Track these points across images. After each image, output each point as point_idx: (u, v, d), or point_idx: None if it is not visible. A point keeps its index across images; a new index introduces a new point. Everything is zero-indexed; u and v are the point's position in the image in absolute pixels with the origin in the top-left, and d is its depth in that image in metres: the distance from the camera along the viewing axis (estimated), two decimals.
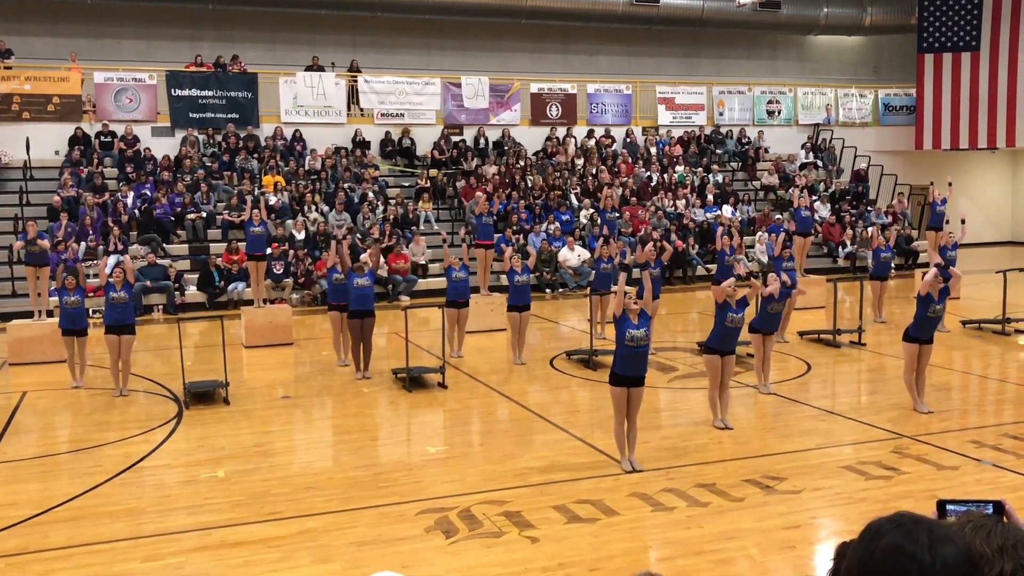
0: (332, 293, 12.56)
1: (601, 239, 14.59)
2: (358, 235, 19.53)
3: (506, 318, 13.05)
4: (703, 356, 9.55)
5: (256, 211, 14.63)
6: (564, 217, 21.46)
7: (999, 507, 1.87)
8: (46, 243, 14.45)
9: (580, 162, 23.69)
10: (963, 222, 16.22)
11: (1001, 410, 10.22)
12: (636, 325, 7.75)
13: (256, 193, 19.38)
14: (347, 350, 12.50)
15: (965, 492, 7.14)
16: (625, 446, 8.04)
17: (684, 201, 22.95)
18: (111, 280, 11.12)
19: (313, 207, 20.30)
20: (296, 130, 22.25)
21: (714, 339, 9.33)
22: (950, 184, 18.27)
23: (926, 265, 19.62)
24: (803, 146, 26.34)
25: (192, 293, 18.01)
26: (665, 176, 23.79)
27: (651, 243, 13.45)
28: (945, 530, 1.62)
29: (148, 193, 19.75)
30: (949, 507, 1.89)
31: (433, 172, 22.35)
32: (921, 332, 9.56)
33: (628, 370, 7.85)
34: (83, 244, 18.24)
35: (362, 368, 11.97)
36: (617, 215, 18.84)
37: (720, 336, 9.27)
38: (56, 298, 16.21)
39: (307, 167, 21.60)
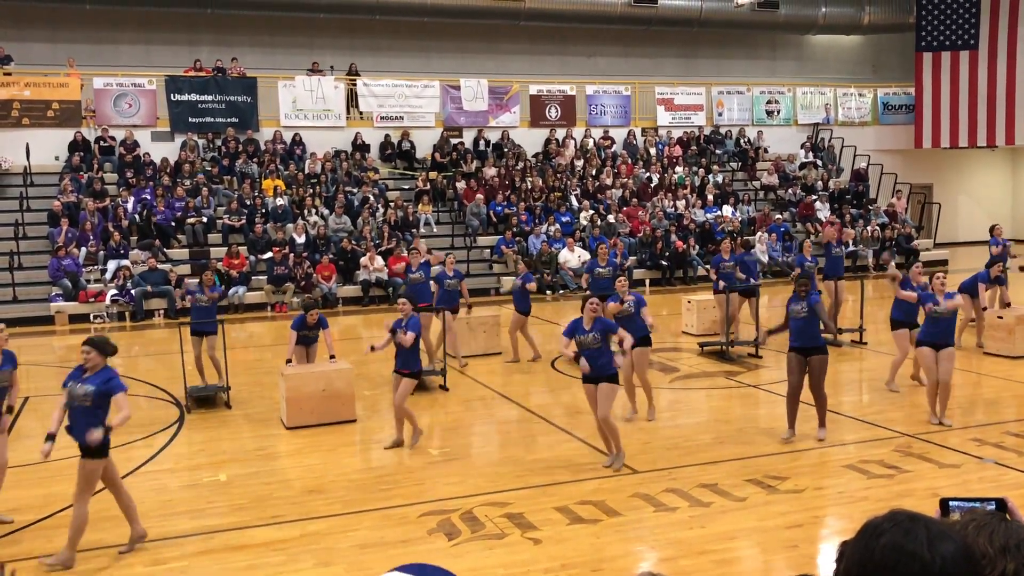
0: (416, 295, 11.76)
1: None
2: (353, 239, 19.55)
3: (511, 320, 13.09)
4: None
5: None
6: (564, 219, 21.48)
7: (1002, 504, 1.87)
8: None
9: (580, 163, 23.70)
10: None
11: (1002, 408, 10.21)
12: (585, 331, 7.94)
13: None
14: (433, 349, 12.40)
15: (968, 490, 7.13)
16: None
17: (684, 202, 22.97)
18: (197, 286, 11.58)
19: (313, 210, 20.32)
20: (296, 134, 22.26)
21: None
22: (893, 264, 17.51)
23: (930, 264, 19.49)
24: (802, 146, 26.35)
25: None
26: (665, 177, 23.80)
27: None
28: (942, 527, 1.64)
29: (148, 198, 19.76)
30: (952, 504, 1.89)
31: (433, 174, 22.35)
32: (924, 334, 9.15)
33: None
34: (83, 249, 18.27)
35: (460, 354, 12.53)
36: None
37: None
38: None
39: (307, 171, 21.61)
